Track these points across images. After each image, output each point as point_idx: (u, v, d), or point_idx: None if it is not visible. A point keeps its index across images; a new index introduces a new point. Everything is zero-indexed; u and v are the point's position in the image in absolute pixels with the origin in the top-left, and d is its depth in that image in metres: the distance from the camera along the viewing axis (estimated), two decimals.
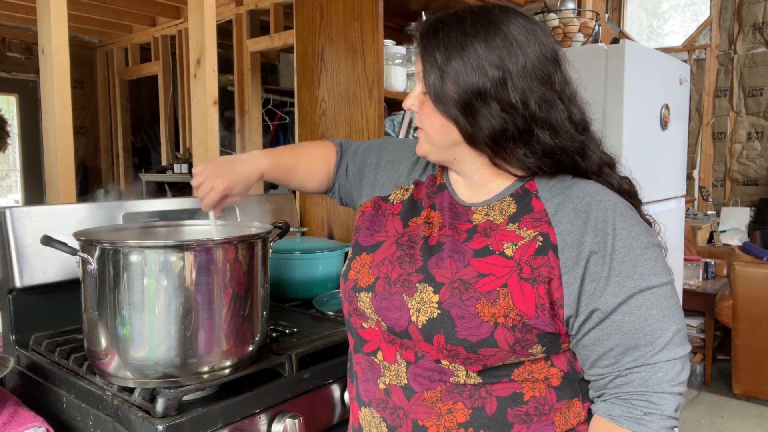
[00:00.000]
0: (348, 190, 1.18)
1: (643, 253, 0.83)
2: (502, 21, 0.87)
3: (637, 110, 2.38)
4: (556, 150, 0.87)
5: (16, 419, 1.07)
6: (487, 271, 0.85)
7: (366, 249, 0.99)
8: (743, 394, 3.50)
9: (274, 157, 1.16)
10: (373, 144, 1.18)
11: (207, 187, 1.08)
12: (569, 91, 0.90)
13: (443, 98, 0.87)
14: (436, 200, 0.99)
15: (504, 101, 0.85)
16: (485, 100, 0.85)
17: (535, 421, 0.88)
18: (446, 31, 0.88)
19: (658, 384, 0.81)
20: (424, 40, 0.89)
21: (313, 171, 1.19)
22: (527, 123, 0.85)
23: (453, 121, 0.88)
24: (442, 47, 0.87)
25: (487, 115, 0.86)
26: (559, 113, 0.87)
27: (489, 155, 0.90)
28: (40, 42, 1.62)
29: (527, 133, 0.86)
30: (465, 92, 0.85)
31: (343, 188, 1.19)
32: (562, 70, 0.89)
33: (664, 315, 0.82)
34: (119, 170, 5.14)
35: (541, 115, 0.86)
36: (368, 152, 1.16)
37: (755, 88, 5.31)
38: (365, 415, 0.97)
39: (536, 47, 0.86)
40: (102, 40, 5.08)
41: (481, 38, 0.85)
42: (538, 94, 0.86)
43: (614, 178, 0.92)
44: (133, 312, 1.01)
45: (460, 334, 0.83)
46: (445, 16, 0.91)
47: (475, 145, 0.89)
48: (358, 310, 0.96)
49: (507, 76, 0.84)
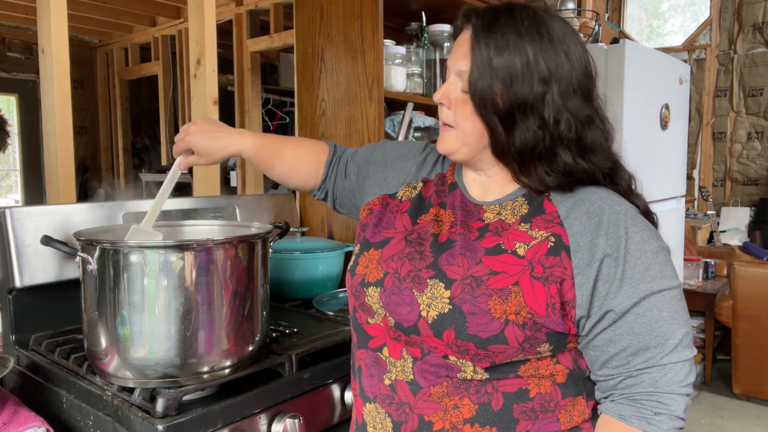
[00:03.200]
0: (348, 191, 1.16)
1: (654, 257, 0.84)
2: (554, 28, 0.85)
3: (637, 110, 2.38)
4: (578, 172, 0.88)
5: (16, 419, 1.07)
6: (499, 269, 0.85)
7: (374, 245, 0.99)
8: (743, 394, 3.50)
9: (261, 138, 1.15)
10: (375, 144, 1.18)
11: (182, 134, 1.11)
12: (601, 108, 0.91)
13: (487, 103, 0.85)
14: (447, 199, 0.99)
15: (541, 116, 0.85)
16: (526, 112, 0.85)
17: (541, 418, 0.88)
18: (503, 29, 0.85)
19: (667, 385, 0.82)
20: (479, 35, 0.86)
21: (300, 162, 1.16)
22: (554, 142, 0.86)
23: (490, 128, 0.87)
24: (494, 47, 0.84)
25: (523, 128, 0.85)
26: (595, 131, 0.88)
27: (514, 169, 0.90)
28: (40, 42, 1.62)
29: (552, 153, 0.87)
30: (511, 101, 0.84)
31: (341, 189, 1.17)
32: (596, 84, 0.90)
33: (673, 318, 0.83)
34: (119, 170, 5.14)
35: (570, 136, 0.86)
36: (371, 151, 1.15)
37: (755, 88, 5.31)
38: (370, 411, 0.97)
39: (581, 60, 0.86)
40: (102, 40, 5.07)
41: (536, 45, 0.83)
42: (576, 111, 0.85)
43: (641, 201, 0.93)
44: (133, 312, 1.01)
45: (471, 329, 0.84)
46: (500, 9, 0.88)
47: (502, 157, 0.90)
48: (365, 305, 0.96)
49: (548, 91, 0.84)
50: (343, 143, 1.91)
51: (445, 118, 0.93)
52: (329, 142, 1.21)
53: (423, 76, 2.08)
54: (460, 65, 0.89)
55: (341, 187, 1.17)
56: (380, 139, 1.82)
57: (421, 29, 2.09)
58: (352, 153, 1.18)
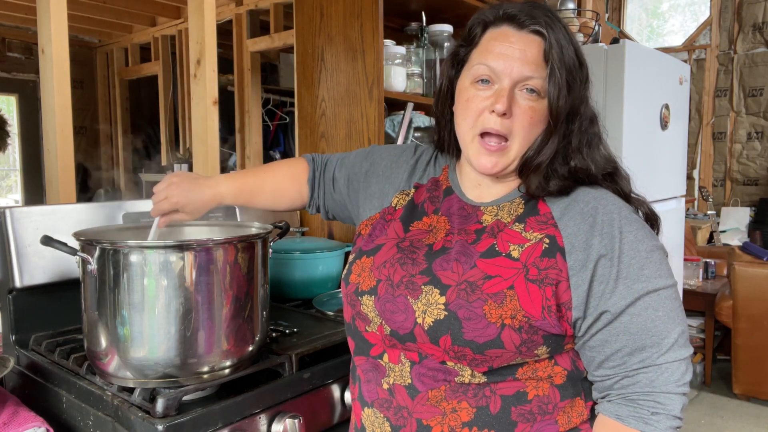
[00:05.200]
0: (338, 203, 1.15)
1: (648, 256, 0.84)
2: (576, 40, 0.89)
3: (637, 110, 2.38)
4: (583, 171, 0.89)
5: (16, 419, 1.07)
6: (494, 272, 0.85)
7: (366, 252, 0.99)
8: (743, 394, 3.50)
9: (236, 180, 1.14)
10: (359, 153, 1.15)
11: (162, 195, 1.08)
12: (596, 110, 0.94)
13: (561, 111, 0.87)
14: (442, 205, 0.98)
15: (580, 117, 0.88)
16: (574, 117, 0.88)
17: (539, 420, 0.88)
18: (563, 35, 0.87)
19: (664, 384, 0.82)
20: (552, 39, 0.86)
21: (281, 191, 1.17)
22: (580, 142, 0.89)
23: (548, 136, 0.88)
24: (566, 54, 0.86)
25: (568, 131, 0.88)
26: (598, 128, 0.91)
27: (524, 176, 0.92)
28: (40, 42, 1.62)
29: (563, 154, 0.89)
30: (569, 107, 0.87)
31: (331, 201, 1.16)
32: None
33: (669, 317, 0.83)
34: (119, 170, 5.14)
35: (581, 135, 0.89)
36: (360, 161, 1.13)
37: (755, 88, 5.31)
38: (368, 416, 0.97)
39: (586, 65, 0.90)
40: (102, 40, 5.08)
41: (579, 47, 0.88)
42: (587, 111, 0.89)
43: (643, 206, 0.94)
44: (133, 312, 1.01)
45: (467, 335, 0.83)
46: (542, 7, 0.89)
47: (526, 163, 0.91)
48: (361, 313, 0.95)
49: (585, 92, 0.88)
50: (343, 143, 1.91)
51: (501, 127, 0.87)
52: (306, 156, 1.20)
53: (423, 76, 2.08)
54: (525, 71, 0.86)
55: (331, 201, 1.16)
56: (380, 139, 1.82)
57: (421, 29, 2.09)
58: (337, 162, 1.16)
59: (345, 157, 1.16)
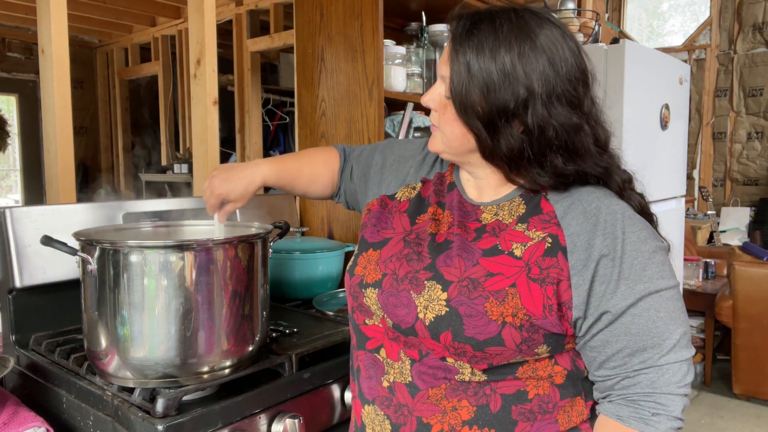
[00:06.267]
0: (353, 193, 1.18)
1: (651, 257, 0.83)
2: (538, 34, 0.83)
3: (637, 110, 2.38)
4: (570, 173, 0.87)
5: (16, 419, 1.07)
6: (496, 270, 0.85)
7: (373, 245, 0.99)
8: (743, 394, 3.50)
9: (276, 163, 1.17)
10: (378, 146, 1.18)
11: (207, 193, 1.11)
12: (596, 113, 0.89)
13: (467, 109, 0.85)
14: (446, 199, 0.99)
15: (524, 123, 0.84)
16: (508, 119, 0.84)
17: (539, 419, 0.88)
18: (480, 36, 0.84)
19: (665, 385, 0.82)
20: (457, 41, 0.85)
21: (317, 176, 1.19)
22: (542, 148, 0.85)
23: (474, 133, 0.87)
24: (473, 53, 0.83)
25: (507, 134, 0.85)
26: (584, 137, 0.86)
27: (505, 171, 0.90)
28: (40, 42, 1.62)
29: (541, 157, 0.86)
30: (491, 108, 0.83)
31: (349, 192, 1.20)
32: (590, 90, 0.88)
33: (671, 318, 0.83)
34: (119, 170, 5.14)
35: (557, 143, 0.84)
36: (372, 154, 1.16)
37: (755, 88, 5.31)
38: (368, 413, 0.97)
39: (569, 67, 0.84)
40: (102, 40, 5.08)
41: (515, 52, 0.82)
42: (562, 120, 0.83)
43: (635, 201, 0.91)
44: (133, 312, 1.01)
45: (467, 332, 0.84)
46: (480, 14, 0.86)
47: (491, 160, 0.89)
48: (363, 306, 0.96)
49: (531, 99, 0.82)
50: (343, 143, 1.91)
51: (434, 120, 0.94)
52: (338, 147, 1.23)
53: (423, 76, 2.08)
54: (443, 70, 0.89)
55: (349, 190, 1.20)
56: (380, 139, 1.82)
57: (421, 29, 2.09)
58: (357, 156, 1.19)
59: (363, 150, 1.20)
